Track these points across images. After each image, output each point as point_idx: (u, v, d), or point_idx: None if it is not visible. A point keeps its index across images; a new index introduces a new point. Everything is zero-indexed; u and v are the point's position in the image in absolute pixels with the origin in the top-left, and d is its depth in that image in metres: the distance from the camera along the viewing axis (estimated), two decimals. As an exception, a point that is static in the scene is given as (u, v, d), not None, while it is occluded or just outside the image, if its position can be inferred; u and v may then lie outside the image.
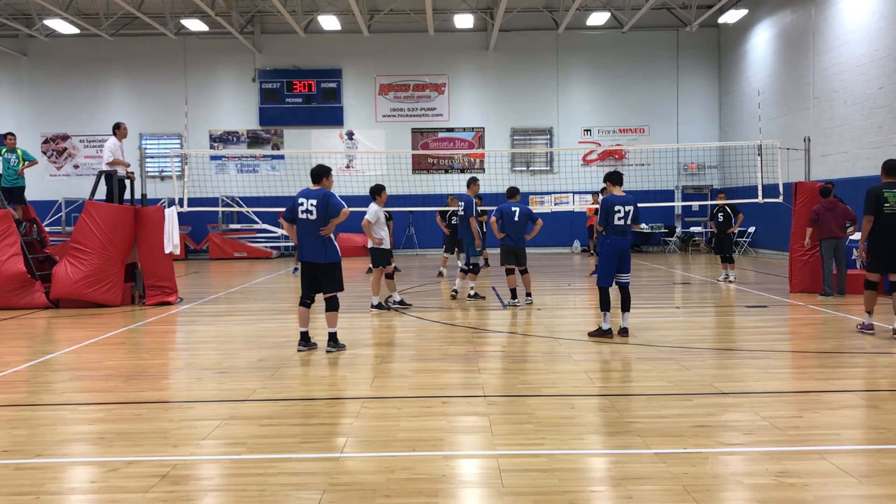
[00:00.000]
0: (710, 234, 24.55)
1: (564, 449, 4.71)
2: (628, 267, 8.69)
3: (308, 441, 4.93)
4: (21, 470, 4.49)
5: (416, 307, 11.51)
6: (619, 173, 8.88)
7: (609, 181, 8.82)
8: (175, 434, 5.11)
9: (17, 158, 13.09)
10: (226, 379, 6.79)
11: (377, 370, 7.06)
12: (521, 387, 6.44)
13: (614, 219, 8.53)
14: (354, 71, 25.43)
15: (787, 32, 20.67)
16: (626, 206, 8.56)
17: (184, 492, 4.07)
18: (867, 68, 16.73)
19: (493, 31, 23.72)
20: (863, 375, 6.78)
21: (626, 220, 8.56)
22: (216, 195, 23.45)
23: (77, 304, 11.84)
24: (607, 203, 8.60)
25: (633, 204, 8.62)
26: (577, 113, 25.60)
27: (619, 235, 8.61)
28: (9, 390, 6.57)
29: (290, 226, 8.12)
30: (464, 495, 4.03)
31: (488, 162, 25.42)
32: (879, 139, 16.38)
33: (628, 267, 8.69)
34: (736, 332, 9.56)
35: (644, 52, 25.31)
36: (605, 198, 8.77)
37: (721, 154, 25.20)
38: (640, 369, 7.05)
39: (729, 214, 14.52)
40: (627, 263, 8.67)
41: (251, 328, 9.97)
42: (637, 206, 8.67)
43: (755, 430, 5.00)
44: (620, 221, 8.54)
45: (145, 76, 25.39)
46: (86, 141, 25.62)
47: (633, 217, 8.62)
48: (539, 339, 8.78)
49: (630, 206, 8.58)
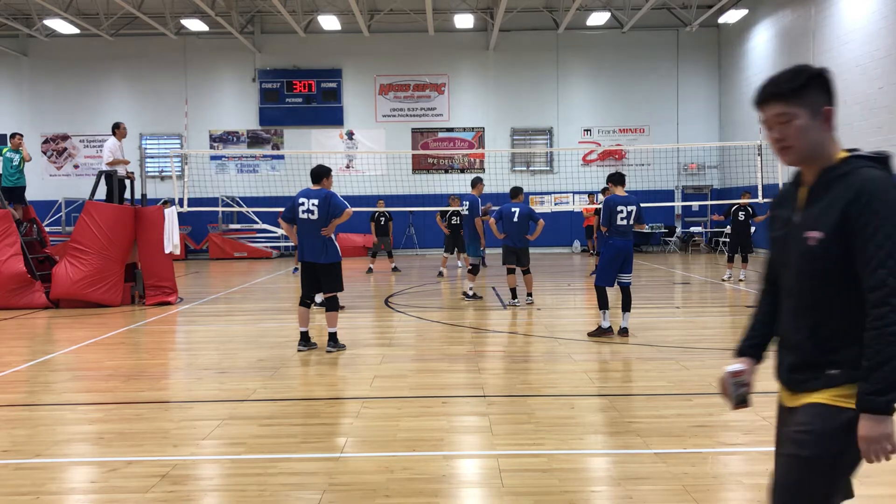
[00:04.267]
0: (709, 233, 24.59)
1: (564, 449, 4.71)
2: (630, 267, 8.72)
3: (308, 441, 4.93)
4: (21, 470, 4.49)
5: (417, 307, 11.51)
6: (622, 174, 8.97)
7: (611, 182, 8.91)
8: (175, 434, 5.12)
9: (21, 158, 13.10)
10: (226, 379, 6.79)
11: (377, 370, 7.06)
12: (521, 387, 6.44)
13: (617, 219, 8.59)
14: (354, 71, 25.43)
15: (787, 32, 20.67)
16: (629, 207, 8.62)
17: (184, 492, 4.07)
18: (867, 68, 16.73)
19: (493, 31, 23.72)
20: (863, 375, 6.77)
21: (628, 221, 8.62)
22: (216, 195, 23.45)
23: (77, 304, 11.84)
24: (610, 203, 8.66)
25: (636, 204, 8.70)
26: (577, 113, 25.60)
27: (622, 237, 8.65)
28: (9, 390, 6.57)
29: (288, 226, 8.12)
30: (464, 495, 4.03)
31: (488, 162, 25.42)
32: (879, 139, 16.38)
33: (630, 267, 8.72)
34: (736, 332, 9.54)
35: (644, 52, 25.30)
36: (607, 198, 8.82)
37: (721, 154, 25.20)
38: (640, 369, 7.05)
39: (749, 213, 14.52)
40: (630, 264, 8.70)
41: (251, 328, 9.97)
42: (640, 206, 8.73)
43: (755, 430, 5.00)
44: (623, 221, 8.61)
45: (145, 76, 25.38)
46: (86, 141, 25.60)
47: (636, 217, 8.68)
48: (539, 339, 8.78)
49: (632, 206, 8.64)
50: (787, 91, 2.20)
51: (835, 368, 2.16)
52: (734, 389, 2.38)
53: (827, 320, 2.19)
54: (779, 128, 2.24)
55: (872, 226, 2.08)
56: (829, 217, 2.15)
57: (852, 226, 2.11)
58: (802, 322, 2.24)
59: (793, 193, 2.34)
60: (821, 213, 2.18)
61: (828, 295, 2.19)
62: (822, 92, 2.22)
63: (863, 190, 2.11)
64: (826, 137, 2.24)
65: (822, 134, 2.22)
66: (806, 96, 2.19)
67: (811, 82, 2.21)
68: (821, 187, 2.22)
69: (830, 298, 2.18)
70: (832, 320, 2.18)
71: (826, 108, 2.21)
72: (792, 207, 2.31)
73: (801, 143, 2.22)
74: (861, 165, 2.19)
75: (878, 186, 2.11)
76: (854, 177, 2.15)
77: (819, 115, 2.20)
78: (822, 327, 2.20)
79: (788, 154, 2.26)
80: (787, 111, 2.20)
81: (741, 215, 14.55)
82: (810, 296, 2.22)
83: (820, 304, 2.20)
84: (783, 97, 2.20)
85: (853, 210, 2.10)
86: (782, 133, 2.24)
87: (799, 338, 2.25)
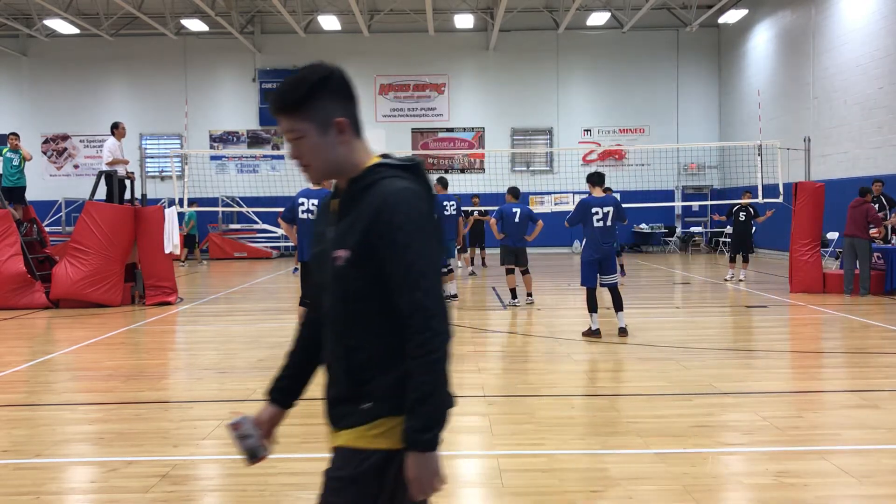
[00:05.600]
0: (709, 233, 24.58)
1: (564, 449, 4.71)
2: (611, 269, 8.59)
3: (308, 441, 4.93)
4: (21, 470, 4.49)
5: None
6: (601, 174, 8.80)
7: (590, 182, 8.72)
8: (175, 434, 5.11)
9: (20, 159, 13.10)
10: (226, 379, 6.79)
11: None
12: (521, 387, 6.44)
13: (593, 221, 8.46)
14: (354, 71, 24.99)
15: (787, 32, 20.66)
16: (605, 208, 8.47)
17: (184, 492, 4.07)
18: (867, 68, 16.72)
19: (493, 31, 23.72)
20: (863, 375, 6.77)
21: (605, 222, 8.47)
22: (216, 195, 23.44)
23: (77, 304, 11.83)
24: (583, 205, 8.55)
25: (612, 204, 8.53)
26: (577, 113, 25.60)
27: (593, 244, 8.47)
28: (9, 390, 6.57)
29: (288, 226, 8.13)
30: (464, 495, 4.03)
31: (488, 162, 25.42)
32: (879, 139, 16.38)
33: (611, 269, 8.59)
34: (736, 332, 9.56)
35: (644, 52, 25.30)
36: (581, 199, 8.71)
37: (721, 154, 25.19)
38: (640, 369, 7.05)
39: (751, 214, 14.53)
40: (610, 266, 8.58)
41: (251, 328, 9.97)
42: (619, 206, 8.59)
43: (755, 430, 5.00)
44: (599, 223, 8.46)
45: (145, 76, 25.39)
46: (86, 141, 25.60)
47: (614, 217, 8.53)
48: (539, 339, 8.78)
49: (609, 206, 8.49)
50: (291, 104, 1.89)
51: (368, 402, 1.92)
52: (241, 444, 2.10)
53: (361, 348, 1.93)
54: (293, 144, 1.95)
55: (401, 243, 1.84)
56: (355, 233, 1.88)
57: (379, 244, 1.86)
58: (339, 350, 1.97)
59: (329, 205, 2.04)
60: (348, 228, 1.90)
61: (361, 320, 1.93)
62: (330, 100, 1.90)
63: (385, 204, 1.86)
64: (347, 151, 1.94)
65: (338, 149, 1.93)
66: (311, 108, 1.88)
67: (315, 92, 1.88)
68: (348, 200, 1.94)
69: (364, 324, 1.93)
70: (366, 348, 1.93)
71: (338, 120, 1.90)
72: (328, 221, 2.01)
73: (318, 163, 1.94)
74: (385, 175, 1.92)
75: (401, 199, 1.86)
76: (377, 189, 1.89)
77: (330, 129, 1.90)
78: (355, 356, 1.94)
79: (309, 173, 1.98)
80: (294, 127, 1.90)
81: (742, 215, 14.56)
82: (343, 321, 1.95)
83: (352, 330, 1.94)
84: (288, 111, 1.90)
85: (378, 227, 1.85)
86: (297, 151, 1.95)
87: (336, 369, 1.99)
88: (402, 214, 1.85)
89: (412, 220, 1.86)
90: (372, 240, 1.87)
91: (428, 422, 1.88)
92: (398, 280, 1.86)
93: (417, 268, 1.84)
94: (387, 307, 1.91)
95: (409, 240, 1.85)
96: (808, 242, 12.68)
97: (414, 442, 1.88)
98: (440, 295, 1.88)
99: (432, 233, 1.91)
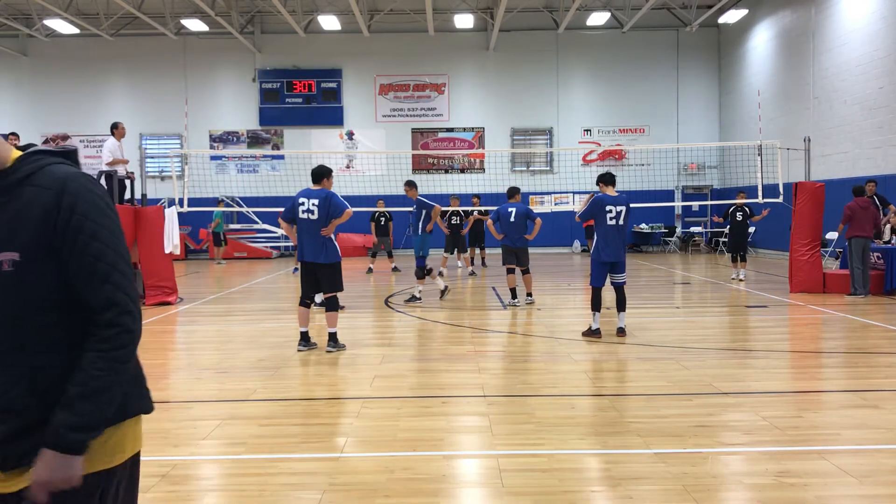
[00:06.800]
0: (709, 233, 24.57)
1: (564, 449, 4.71)
2: (621, 268, 8.65)
3: (308, 441, 4.93)
4: (21, 470, 4.48)
5: (417, 307, 11.51)
6: (612, 174, 8.89)
7: (602, 182, 8.81)
8: (175, 434, 5.11)
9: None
10: (226, 379, 6.79)
11: (377, 370, 7.06)
12: (521, 387, 6.44)
13: (606, 218, 8.51)
14: (354, 71, 25.43)
15: (787, 32, 20.66)
16: (619, 206, 8.54)
17: (184, 492, 4.07)
18: (867, 68, 16.72)
19: (493, 31, 23.72)
20: (863, 375, 6.77)
21: (618, 221, 8.54)
22: (216, 195, 23.44)
23: (77, 304, 11.81)
24: (598, 202, 8.58)
25: (626, 204, 8.61)
26: (577, 113, 25.60)
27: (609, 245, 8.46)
28: (9, 390, 6.56)
29: (288, 226, 8.12)
30: (464, 495, 4.03)
31: (488, 162, 25.42)
32: (879, 139, 16.38)
33: (621, 268, 8.65)
34: (736, 332, 9.56)
35: (644, 52, 25.30)
36: (596, 195, 8.73)
37: (721, 154, 25.20)
38: (640, 369, 7.05)
39: (747, 213, 14.61)
40: (620, 266, 8.63)
41: (251, 328, 9.97)
42: (629, 207, 8.65)
43: (755, 430, 5.00)
44: (612, 221, 8.51)
45: (145, 76, 25.39)
46: (86, 141, 25.58)
47: (626, 216, 8.60)
48: (539, 339, 8.78)
49: (622, 206, 8.56)
50: None
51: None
52: None
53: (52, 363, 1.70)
54: None
55: (85, 233, 1.67)
56: (23, 231, 1.66)
57: (58, 236, 1.66)
58: (15, 373, 1.69)
59: None
60: (9, 227, 1.67)
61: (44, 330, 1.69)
62: None
63: (64, 191, 1.67)
64: None
65: None
66: None
67: None
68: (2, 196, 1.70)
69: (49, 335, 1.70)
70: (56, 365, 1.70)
71: None
72: None
73: None
74: (49, 162, 1.73)
75: (81, 186, 1.70)
76: (44, 176, 1.70)
77: None
78: (45, 373, 1.69)
79: None
80: None
81: (739, 216, 14.65)
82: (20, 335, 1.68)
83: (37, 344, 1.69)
84: None
85: (56, 218, 1.65)
86: None
87: (13, 396, 1.69)
88: (86, 202, 1.68)
89: (97, 207, 1.70)
90: (49, 234, 1.66)
91: (86, 421, 1.65)
92: (87, 275, 1.68)
93: (107, 260, 1.69)
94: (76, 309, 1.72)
95: (95, 229, 1.68)
96: (808, 242, 12.69)
97: (63, 440, 1.64)
98: (131, 289, 1.74)
99: (118, 222, 1.76)
